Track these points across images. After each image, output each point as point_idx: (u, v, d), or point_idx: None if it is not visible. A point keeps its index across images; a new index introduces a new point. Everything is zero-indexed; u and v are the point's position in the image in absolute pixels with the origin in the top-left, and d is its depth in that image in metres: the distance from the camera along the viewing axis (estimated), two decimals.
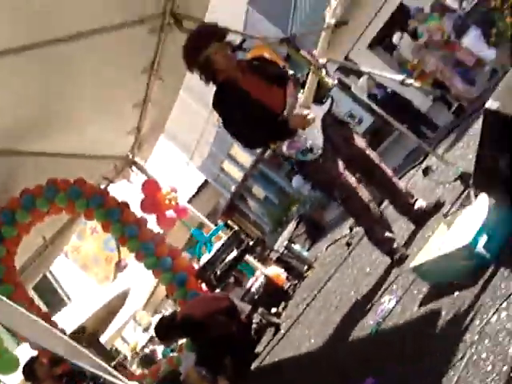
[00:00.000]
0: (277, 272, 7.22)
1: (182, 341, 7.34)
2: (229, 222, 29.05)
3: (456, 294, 2.69)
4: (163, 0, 5.75)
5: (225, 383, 5.88)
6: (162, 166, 28.38)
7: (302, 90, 3.95)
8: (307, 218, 9.08)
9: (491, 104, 2.38)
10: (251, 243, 7.30)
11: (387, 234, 4.02)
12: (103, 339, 17.26)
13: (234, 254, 6.95)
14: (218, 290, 7.10)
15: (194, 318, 5.87)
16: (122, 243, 7.71)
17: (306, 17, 15.15)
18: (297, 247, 7.70)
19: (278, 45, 3.75)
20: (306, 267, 7.07)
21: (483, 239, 2.60)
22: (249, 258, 7.98)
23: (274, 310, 6.58)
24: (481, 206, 2.84)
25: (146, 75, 6.80)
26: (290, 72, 4.09)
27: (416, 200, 4.16)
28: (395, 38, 11.51)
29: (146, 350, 20.94)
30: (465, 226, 2.86)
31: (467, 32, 11.24)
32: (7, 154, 7.22)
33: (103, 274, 20.21)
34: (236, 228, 28.05)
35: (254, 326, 6.02)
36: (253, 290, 6.83)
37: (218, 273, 6.84)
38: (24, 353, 6.88)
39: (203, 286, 7.16)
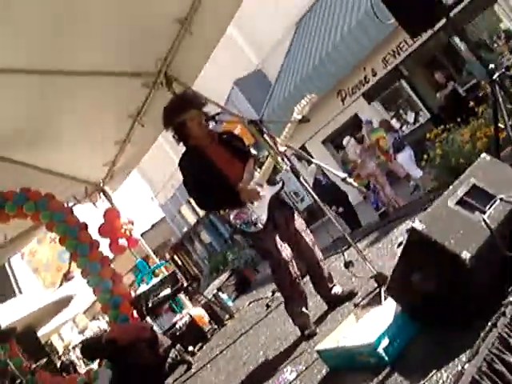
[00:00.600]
0: (201, 314, 6.90)
1: None
2: (175, 257, 28.57)
3: None
4: (161, 61, 5.63)
5: None
6: (129, 195, 27.93)
7: (259, 169, 3.81)
8: (239, 272, 8.80)
9: (418, 225, 2.23)
10: (185, 285, 7.00)
11: (303, 309, 3.82)
12: (41, 332, 16.56)
13: (168, 291, 6.64)
14: (147, 319, 6.71)
15: (117, 343, 5.47)
16: (74, 258, 7.32)
17: (278, 105, 15.28)
18: (224, 296, 7.39)
19: (246, 124, 3.59)
20: (227, 316, 6.75)
21: (385, 342, 2.41)
22: (181, 295, 7.66)
23: (190, 348, 6.23)
24: (389, 309, 2.66)
25: (132, 120, 6.61)
26: (253, 151, 3.95)
27: (334, 285, 3.99)
28: (344, 141, 11.60)
29: (77, 350, 20.14)
30: (371, 324, 2.67)
31: (402, 150, 11.50)
32: None
33: (51, 280, 19.32)
34: (180, 263, 27.59)
35: (169, 359, 5.65)
36: (177, 326, 6.47)
37: (150, 305, 6.50)
38: None
39: (135, 313, 6.79)
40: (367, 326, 2.70)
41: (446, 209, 2.34)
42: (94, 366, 6.93)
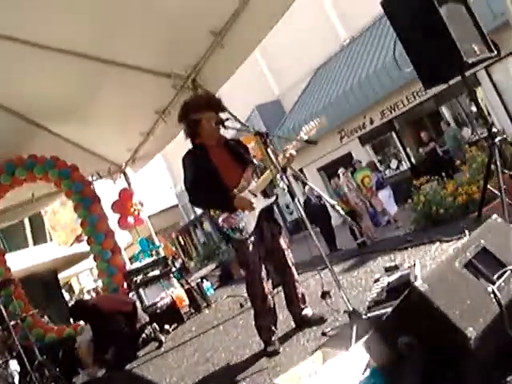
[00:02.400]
0: (182, 297, 6.14)
1: None
2: (179, 237, 27.79)
3: None
4: (190, 68, 4.96)
5: (95, 367, 4.79)
6: (152, 180, 27.25)
7: (257, 180, 3.11)
8: (225, 265, 8.05)
9: (420, 284, 1.52)
10: (173, 270, 6.24)
11: (271, 325, 3.09)
12: (63, 275, 16.16)
13: (157, 272, 5.89)
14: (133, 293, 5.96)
15: (101, 310, 4.77)
16: (83, 226, 6.61)
17: (287, 133, 14.50)
18: (206, 284, 6.64)
19: (253, 135, 2.89)
20: (205, 304, 6.00)
21: None
22: (171, 276, 6.93)
23: (166, 326, 5.48)
24: (360, 359, 1.94)
25: (157, 115, 5.94)
26: (255, 162, 3.23)
27: (306, 307, 3.26)
28: (339, 171, 10.90)
29: (87, 296, 19.69)
30: (338, 372, 1.95)
31: (383, 188, 10.84)
32: (33, 124, 6.21)
33: (64, 239, 18.55)
34: (182, 243, 26.81)
35: (143, 335, 4.92)
36: (158, 305, 5.71)
37: (138, 281, 5.76)
38: None
39: (125, 284, 6.06)
40: (333, 373, 1.98)
41: (452, 270, 1.63)
42: (82, 322, 6.16)
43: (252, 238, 3.01)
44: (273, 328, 3.08)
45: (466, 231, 3.67)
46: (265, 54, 16.19)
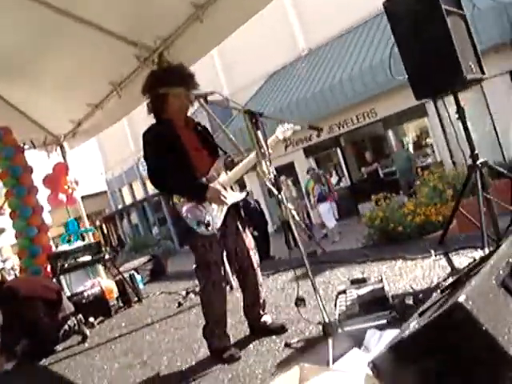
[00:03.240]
0: (111, 288, 5.64)
1: None
2: (103, 225, 26.49)
3: None
4: (160, 40, 4.51)
5: (2, 359, 4.16)
6: (84, 160, 25.80)
7: (228, 172, 2.78)
8: (157, 260, 7.56)
9: (465, 301, 1.29)
10: (107, 257, 5.68)
11: (225, 332, 2.76)
12: None
13: (88, 258, 5.30)
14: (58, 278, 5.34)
15: (18, 293, 4.15)
16: (8, 196, 5.86)
17: (233, 134, 14.22)
18: (138, 277, 6.14)
19: (241, 112, 2.57)
20: (136, 298, 5.52)
21: None
22: (101, 264, 6.36)
23: (91, 319, 4.95)
24: (356, 380, 1.68)
25: (111, 87, 5.37)
26: (227, 153, 2.91)
27: (265, 313, 2.97)
28: (281, 178, 10.83)
29: None
30: None
31: (324, 202, 10.90)
32: None
33: None
34: (105, 232, 25.58)
35: (65, 327, 4.36)
36: (85, 294, 5.14)
37: (65, 266, 5.15)
38: None
39: (49, 268, 5.42)
40: None
41: (490, 288, 1.42)
42: None
43: (217, 235, 2.67)
44: (227, 333, 2.74)
45: (432, 251, 3.62)
46: (221, 51, 15.84)
